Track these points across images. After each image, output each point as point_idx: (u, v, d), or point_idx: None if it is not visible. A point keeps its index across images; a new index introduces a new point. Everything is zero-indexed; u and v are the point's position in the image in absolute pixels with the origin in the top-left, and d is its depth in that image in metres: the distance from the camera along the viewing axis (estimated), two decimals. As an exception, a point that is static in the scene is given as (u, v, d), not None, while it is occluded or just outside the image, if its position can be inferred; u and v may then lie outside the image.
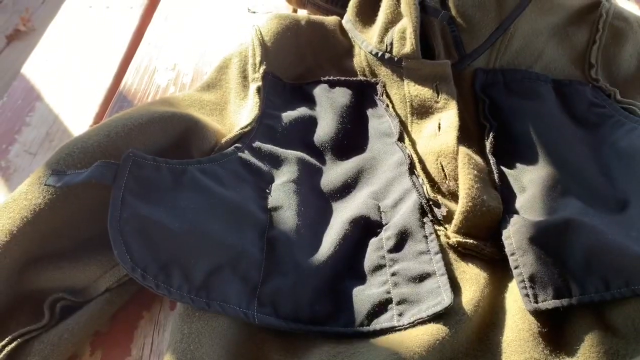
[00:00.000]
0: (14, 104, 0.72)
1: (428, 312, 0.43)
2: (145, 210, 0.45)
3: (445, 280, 0.45)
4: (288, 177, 0.52)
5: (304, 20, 0.65)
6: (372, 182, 0.54)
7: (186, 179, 0.48)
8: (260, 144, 0.55)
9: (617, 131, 0.58)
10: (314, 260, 0.47)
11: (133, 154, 0.47)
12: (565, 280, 0.45)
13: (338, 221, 0.50)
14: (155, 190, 0.47)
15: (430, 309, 0.44)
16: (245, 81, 0.61)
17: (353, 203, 0.52)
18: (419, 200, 0.51)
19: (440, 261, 0.47)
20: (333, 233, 0.49)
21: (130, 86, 0.73)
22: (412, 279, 0.46)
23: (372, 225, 0.50)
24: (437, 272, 0.46)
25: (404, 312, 0.44)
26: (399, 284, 0.46)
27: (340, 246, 0.48)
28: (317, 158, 0.56)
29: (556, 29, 0.64)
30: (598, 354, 0.42)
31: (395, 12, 0.61)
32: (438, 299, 0.44)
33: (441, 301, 0.44)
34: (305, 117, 0.59)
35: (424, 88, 0.59)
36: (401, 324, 0.44)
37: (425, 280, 0.46)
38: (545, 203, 0.51)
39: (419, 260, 0.47)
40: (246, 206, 0.49)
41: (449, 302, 0.43)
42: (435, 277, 0.46)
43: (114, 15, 0.85)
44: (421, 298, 0.45)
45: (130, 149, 0.47)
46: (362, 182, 0.55)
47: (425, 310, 0.44)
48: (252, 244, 0.47)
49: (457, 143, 0.54)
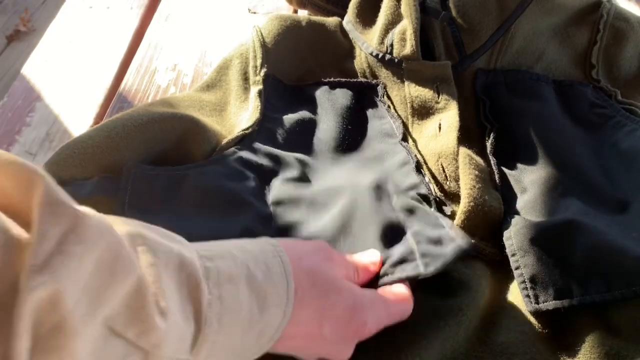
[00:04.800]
0: (14, 104, 0.72)
1: (453, 253, 0.43)
2: (146, 220, 0.45)
3: (468, 240, 0.45)
4: (289, 176, 0.52)
5: (305, 21, 0.65)
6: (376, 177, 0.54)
7: (186, 184, 0.49)
8: (261, 145, 0.55)
9: (618, 132, 0.58)
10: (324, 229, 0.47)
11: (133, 167, 0.48)
12: (566, 281, 0.45)
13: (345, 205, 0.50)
14: (156, 200, 0.48)
15: (453, 251, 0.43)
16: (246, 83, 0.61)
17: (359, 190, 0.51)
18: (428, 194, 0.51)
19: (460, 230, 0.46)
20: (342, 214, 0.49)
21: (131, 86, 0.73)
22: (433, 241, 0.45)
23: (383, 201, 0.50)
24: (456, 238, 0.46)
25: (429, 263, 0.43)
26: (421, 242, 0.45)
27: (355, 210, 0.48)
28: (318, 159, 0.56)
29: (557, 29, 0.64)
30: (599, 354, 0.42)
31: (395, 13, 0.61)
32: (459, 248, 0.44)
33: (461, 245, 0.44)
34: (306, 119, 0.59)
35: (425, 89, 0.59)
36: (428, 271, 0.43)
37: (445, 244, 0.45)
38: (546, 204, 0.51)
39: (435, 230, 0.47)
40: (249, 199, 0.49)
41: (467, 244, 0.44)
42: (456, 241, 0.45)
43: (114, 15, 0.85)
44: (445, 254, 0.44)
45: (130, 161, 0.48)
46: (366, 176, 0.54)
47: (451, 254, 0.43)
48: (259, 235, 0.47)
49: (457, 144, 0.54)
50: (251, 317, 0.35)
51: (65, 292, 0.23)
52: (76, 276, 0.24)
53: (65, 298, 0.23)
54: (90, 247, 0.25)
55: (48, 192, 0.24)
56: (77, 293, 0.24)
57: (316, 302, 0.38)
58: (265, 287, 0.35)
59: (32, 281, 0.22)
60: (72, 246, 0.24)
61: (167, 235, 0.33)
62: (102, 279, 0.25)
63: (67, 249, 0.24)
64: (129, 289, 0.27)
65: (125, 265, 0.27)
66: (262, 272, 0.36)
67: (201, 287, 0.32)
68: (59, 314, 0.23)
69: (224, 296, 0.33)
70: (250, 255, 0.36)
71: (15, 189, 0.24)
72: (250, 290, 0.35)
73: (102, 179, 0.47)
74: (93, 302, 0.25)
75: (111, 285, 0.26)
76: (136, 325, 0.27)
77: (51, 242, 0.23)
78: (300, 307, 0.37)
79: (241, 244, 0.38)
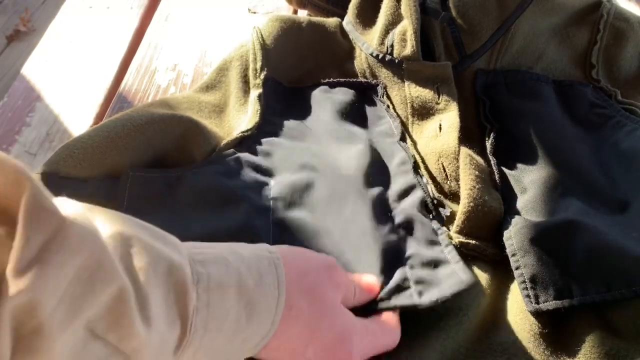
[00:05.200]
0: (14, 104, 0.71)
1: (451, 290, 0.43)
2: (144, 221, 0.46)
3: (461, 265, 0.45)
4: (290, 172, 0.52)
5: (305, 22, 0.65)
6: (375, 174, 0.54)
7: (182, 184, 0.49)
8: (260, 146, 0.55)
9: (618, 132, 0.58)
10: (325, 244, 0.47)
11: (131, 172, 0.48)
12: (566, 281, 0.45)
13: (346, 206, 0.50)
14: (154, 202, 0.48)
15: (452, 287, 0.43)
16: (246, 86, 0.61)
17: (359, 190, 0.52)
18: (424, 197, 0.51)
19: (453, 251, 0.47)
20: (343, 215, 0.49)
21: (131, 86, 0.73)
22: (427, 263, 0.46)
23: (383, 209, 0.50)
24: (451, 260, 0.46)
25: (423, 292, 0.43)
26: (414, 266, 0.46)
27: (353, 225, 0.48)
28: (318, 159, 0.56)
29: (557, 29, 0.64)
30: (599, 354, 0.42)
31: (395, 14, 0.61)
32: (457, 279, 0.44)
33: (462, 280, 0.43)
34: (305, 120, 0.59)
35: (425, 89, 0.59)
36: (422, 302, 0.43)
37: (439, 267, 0.45)
38: (547, 204, 0.51)
39: (431, 249, 0.47)
40: (246, 194, 0.49)
41: (471, 280, 0.43)
42: (450, 265, 0.45)
43: (114, 15, 0.85)
44: (439, 281, 0.44)
45: (129, 164, 0.48)
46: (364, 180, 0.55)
47: (449, 288, 0.43)
48: (258, 226, 0.47)
49: (458, 144, 0.54)
50: (238, 324, 0.34)
51: (42, 300, 0.24)
52: (54, 285, 0.24)
53: (43, 305, 0.24)
54: (71, 256, 0.25)
55: (35, 196, 0.24)
56: (54, 300, 0.24)
57: (309, 321, 0.38)
58: (255, 295, 0.35)
59: (12, 286, 0.23)
60: (53, 255, 0.24)
61: (161, 236, 0.33)
62: (82, 287, 0.26)
63: (48, 258, 0.24)
64: (111, 297, 0.27)
65: (107, 274, 0.27)
66: (254, 280, 0.35)
67: (189, 294, 0.32)
68: (37, 320, 0.24)
69: (212, 303, 0.33)
70: (244, 262, 0.36)
71: (3, 187, 0.24)
72: (239, 297, 0.34)
73: (101, 182, 0.47)
74: (72, 309, 0.25)
75: (91, 293, 0.26)
76: (117, 330, 0.28)
77: (33, 249, 0.24)
78: (294, 322, 0.37)
79: (237, 248, 0.37)
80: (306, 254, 0.42)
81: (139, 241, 0.30)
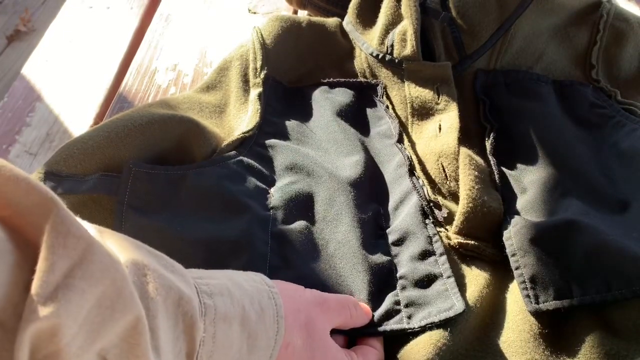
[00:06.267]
0: (15, 104, 0.72)
1: (440, 317, 0.43)
2: (145, 220, 0.46)
3: (452, 282, 0.46)
4: (290, 179, 0.52)
5: (305, 22, 0.65)
6: (373, 183, 0.54)
7: (186, 184, 0.49)
8: (261, 148, 0.55)
9: (618, 132, 0.58)
10: (319, 260, 0.47)
11: (133, 166, 0.48)
12: (566, 281, 0.45)
13: (341, 223, 0.50)
14: (156, 199, 0.48)
15: (441, 313, 0.44)
16: (246, 85, 0.61)
17: (355, 205, 0.52)
18: (420, 202, 0.51)
19: (446, 262, 0.47)
20: (337, 234, 0.49)
21: (131, 87, 0.73)
22: (419, 281, 0.46)
23: (376, 227, 0.50)
24: (443, 274, 0.46)
25: (412, 315, 0.44)
26: (406, 287, 0.46)
27: (345, 247, 0.48)
28: (318, 160, 0.56)
29: (557, 29, 0.64)
30: (599, 354, 0.42)
31: (395, 14, 0.61)
32: (448, 303, 0.44)
33: (452, 306, 0.44)
34: (305, 120, 0.59)
35: (425, 89, 0.59)
36: (411, 326, 0.44)
37: (432, 283, 0.46)
38: (546, 204, 0.51)
39: (424, 262, 0.47)
40: (247, 202, 0.49)
41: (461, 309, 0.43)
42: (442, 279, 0.46)
43: (114, 15, 0.85)
44: (429, 301, 0.45)
45: (130, 160, 0.48)
46: (363, 184, 0.55)
47: (437, 314, 0.44)
48: (257, 237, 0.47)
49: (458, 144, 0.54)
50: (240, 356, 0.35)
51: (64, 326, 0.23)
52: (77, 311, 0.24)
53: (64, 332, 0.24)
54: (95, 283, 0.25)
55: (62, 221, 0.24)
56: (75, 327, 0.24)
57: (304, 355, 0.39)
58: (257, 328, 0.36)
59: (35, 312, 0.22)
60: (77, 280, 0.24)
61: (169, 265, 0.33)
62: (102, 315, 0.26)
63: (73, 284, 0.24)
64: (127, 326, 0.27)
65: (127, 303, 0.27)
66: (256, 314, 0.36)
67: (196, 325, 0.32)
68: (56, 345, 0.24)
69: (218, 335, 0.34)
70: (247, 295, 0.37)
71: (27, 209, 0.24)
72: (242, 330, 0.35)
73: (102, 176, 0.47)
74: (90, 336, 0.25)
75: (110, 321, 0.26)
76: (130, 359, 0.28)
77: (58, 274, 0.23)
78: (290, 358, 0.38)
79: (238, 280, 0.38)
80: (298, 290, 0.43)
81: (151, 270, 0.31)
